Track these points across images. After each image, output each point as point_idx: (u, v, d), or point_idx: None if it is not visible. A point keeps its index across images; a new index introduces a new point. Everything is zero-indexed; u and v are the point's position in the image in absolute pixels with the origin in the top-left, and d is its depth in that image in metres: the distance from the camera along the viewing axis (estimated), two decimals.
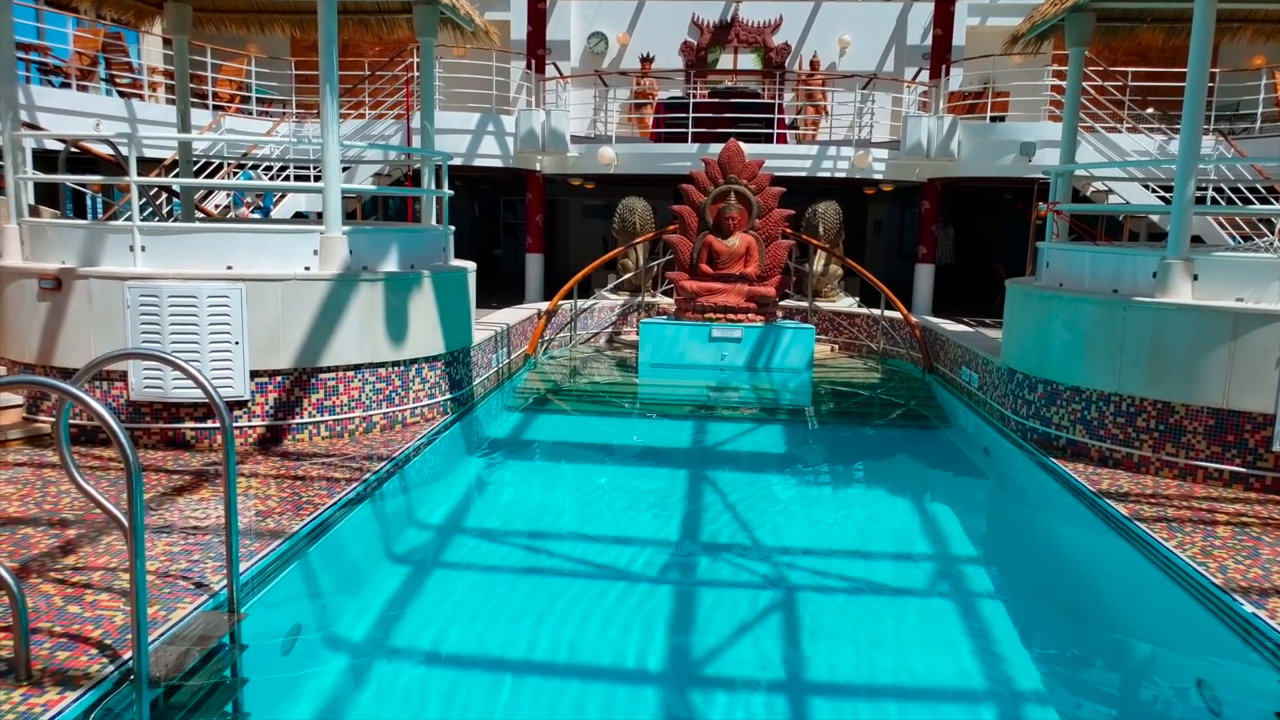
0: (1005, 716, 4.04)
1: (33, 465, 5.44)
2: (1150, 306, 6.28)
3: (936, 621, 4.97)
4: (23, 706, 2.68)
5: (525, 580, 5.35)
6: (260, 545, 4.24)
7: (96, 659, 3.00)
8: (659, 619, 4.85)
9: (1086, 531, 5.72)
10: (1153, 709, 4.31)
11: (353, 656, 4.44)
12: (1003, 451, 7.52)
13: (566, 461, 8.08)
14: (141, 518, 2.75)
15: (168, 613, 3.42)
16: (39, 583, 3.67)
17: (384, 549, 5.65)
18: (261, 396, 6.28)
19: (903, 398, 10.39)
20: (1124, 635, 4.80)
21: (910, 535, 6.41)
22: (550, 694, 4.15)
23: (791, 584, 5.37)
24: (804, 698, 4.16)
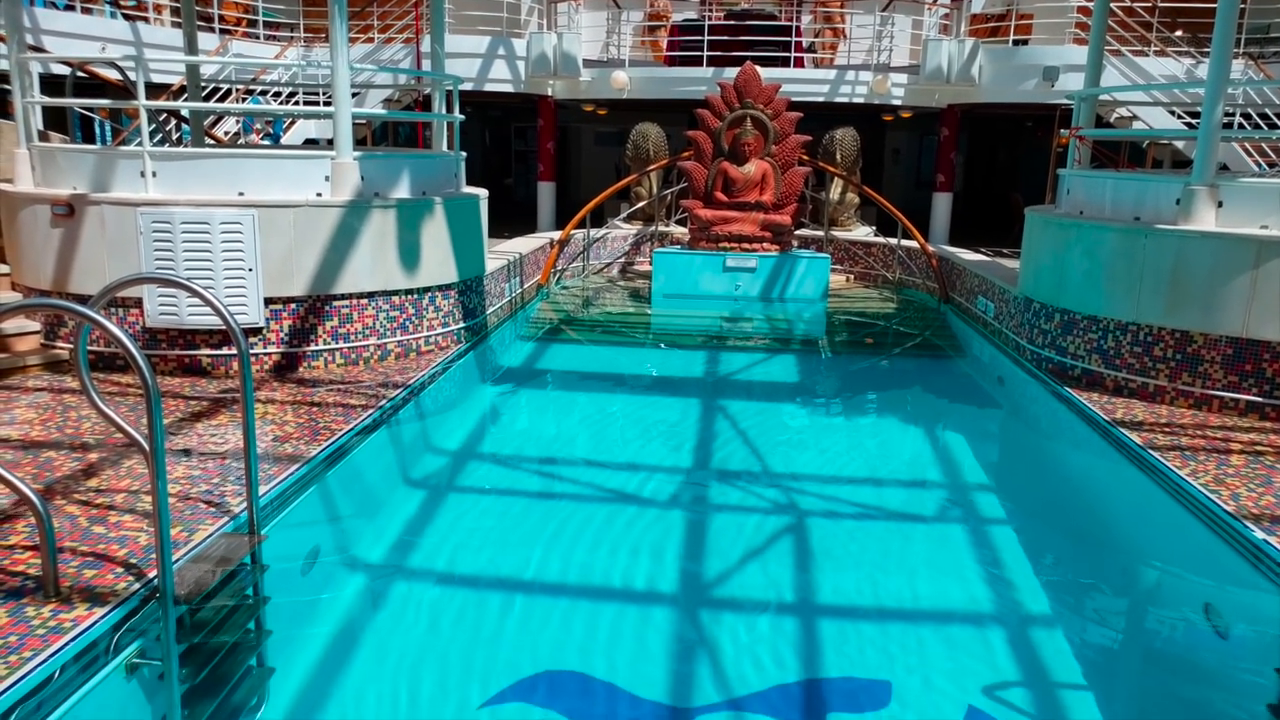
0: (1013, 640, 4.10)
1: (53, 391, 5.50)
2: (1172, 234, 6.19)
3: (946, 547, 5.03)
4: (53, 621, 2.75)
5: (538, 504, 5.42)
6: (279, 469, 4.30)
7: (122, 577, 3.06)
8: (670, 543, 4.92)
9: (1099, 460, 5.74)
10: (1160, 633, 4.37)
11: (370, 577, 4.53)
12: (1017, 381, 7.50)
13: (579, 391, 8.12)
14: (162, 440, 2.78)
15: (190, 534, 3.48)
16: (64, 504, 3.73)
17: (400, 474, 5.72)
18: (276, 324, 6.30)
19: (918, 328, 10.34)
20: (1133, 561, 4.85)
21: (922, 463, 6.44)
22: (562, 614, 4.23)
23: (802, 509, 5.42)
24: (812, 620, 4.23)
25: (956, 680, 3.76)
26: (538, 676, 3.71)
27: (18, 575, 3.06)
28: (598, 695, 3.61)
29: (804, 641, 4.05)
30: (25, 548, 3.28)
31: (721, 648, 3.97)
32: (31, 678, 2.46)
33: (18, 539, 3.36)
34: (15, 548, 3.28)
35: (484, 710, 3.50)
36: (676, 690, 3.67)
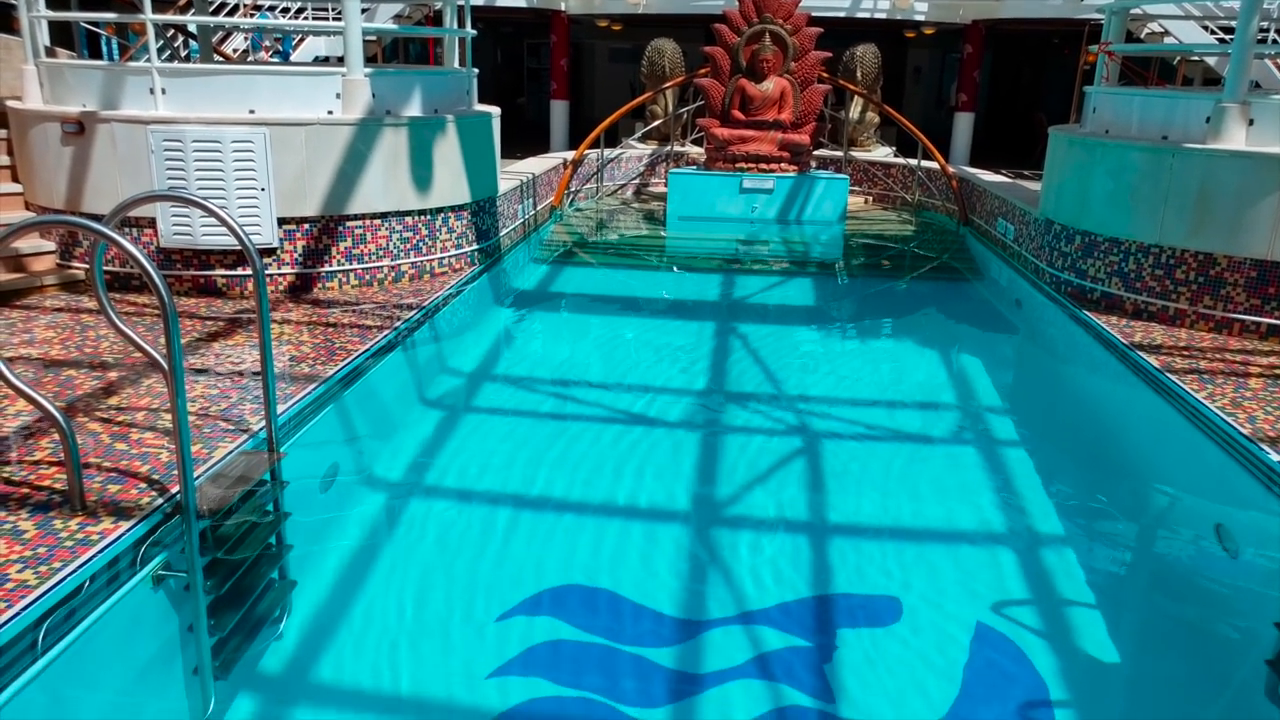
0: (1022, 560, 4.14)
1: (70, 310, 5.53)
2: (1200, 153, 6.04)
3: (958, 469, 5.05)
4: (80, 534, 2.81)
5: (552, 425, 5.46)
6: (296, 389, 4.33)
7: (146, 493, 3.12)
8: (682, 463, 4.96)
9: (1116, 384, 5.71)
10: (1169, 554, 4.41)
11: (387, 494, 4.60)
12: (1035, 304, 7.44)
13: (593, 314, 8.11)
14: (179, 359, 2.79)
15: (210, 451, 3.53)
16: (85, 421, 3.78)
17: (415, 394, 5.76)
18: (290, 244, 6.28)
19: (936, 251, 10.23)
20: (1147, 484, 4.86)
21: (936, 386, 6.44)
22: (576, 532, 4.30)
23: (814, 431, 5.45)
24: (823, 539, 4.28)
25: (965, 598, 3.82)
26: (552, 590, 3.79)
27: (44, 490, 3.12)
28: (611, 609, 3.69)
29: (814, 559, 4.11)
30: (50, 463, 3.34)
31: (732, 564, 4.04)
32: (62, 587, 2.53)
33: (43, 454, 3.42)
34: (41, 463, 3.34)
35: (500, 623, 3.59)
36: (688, 604, 3.75)
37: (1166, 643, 3.70)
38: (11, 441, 3.55)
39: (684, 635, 3.54)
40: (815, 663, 3.40)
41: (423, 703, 3.22)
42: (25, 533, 2.80)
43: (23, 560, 2.64)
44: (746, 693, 3.25)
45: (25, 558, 2.65)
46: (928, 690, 3.28)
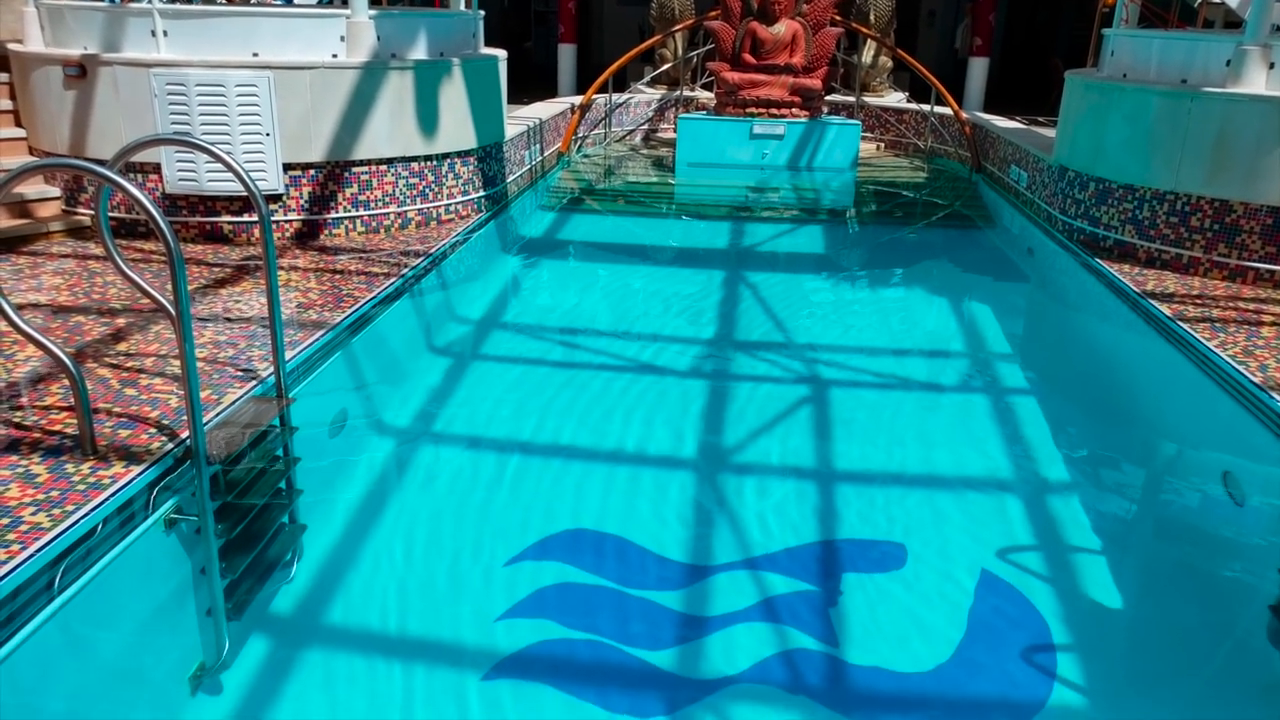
0: (1029, 507, 4.16)
1: (77, 256, 5.52)
2: (1219, 98, 5.93)
3: (967, 417, 5.05)
4: (92, 478, 2.83)
5: (560, 373, 5.47)
6: (304, 335, 4.33)
7: (156, 438, 3.13)
8: (690, 411, 4.97)
9: (1126, 332, 5.68)
10: (1177, 502, 4.42)
11: (396, 441, 4.63)
12: (1047, 253, 7.37)
13: (601, 262, 8.07)
14: (187, 303, 2.79)
15: (219, 397, 3.54)
16: (95, 367, 3.79)
17: (423, 342, 5.76)
18: (295, 190, 6.24)
19: (948, 198, 10.12)
20: (1156, 431, 4.86)
21: (946, 335, 6.42)
22: (584, 479, 4.33)
23: (823, 379, 5.45)
24: (830, 486, 4.30)
25: (971, 545, 3.84)
26: (560, 535, 3.83)
27: (55, 434, 3.14)
28: (618, 553, 3.72)
29: (820, 506, 4.13)
30: (61, 408, 3.35)
31: (739, 510, 4.06)
32: (76, 529, 2.55)
33: (53, 400, 3.44)
34: (51, 408, 3.36)
35: (509, 567, 3.63)
36: (695, 549, 3.78)
37: (1171, 588, 3.73)
38: (22, 387, 3.57)
39: (691, 579, 3.58)
40: (820, 607, 3.43)
41: (432, 644, 3.27)
42: (38, 476, 2.83)
43: (36, 503, 2.66)
44: (752, 636, 3.29)
45: (38, 501, 2.68)
46: (932, 634, 3.32)
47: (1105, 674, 3.19)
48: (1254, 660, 3.24)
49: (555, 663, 3.16)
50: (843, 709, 2.99)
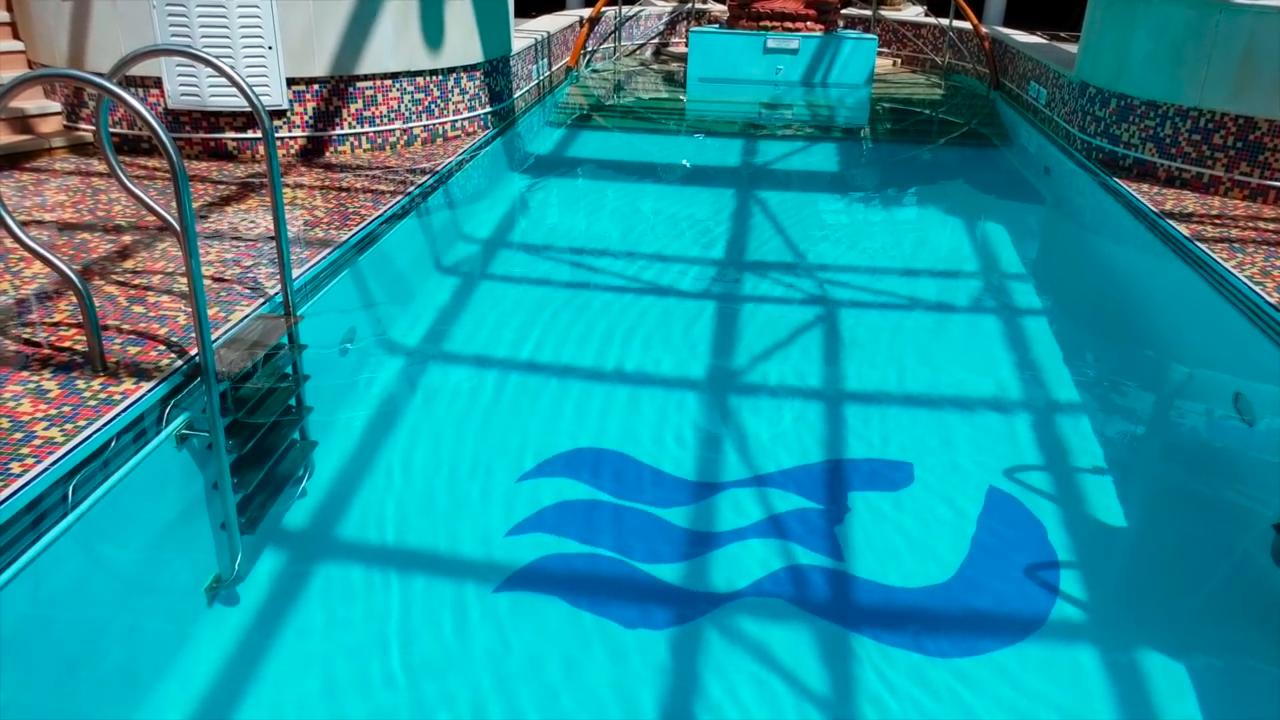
0: (1037, 428, 4.16)
1: (80, 173, 5.47)
2: (1249, 10, 5.73)
3: (978, 339, 5.03)
4: (103, 394, 2.84)
5: (568, 294, 5.44)
6: (310, 253, 4.30)
7: (165, 354, 3.14)
8: (700, 331, 4.96)
9: (1142, 253, 5.60)
10: (1186, 420, 4.41)
11: (406, 360, 4.64)
12: (1064, 172, 7.23)
13: (610, 180, 7.97)
14: (192, 219, 2.76)
15: (227, 314, 3.54)
16: (102, 284, 3.78)
17: (431, 261, 5.73)
18: (299, 106, 6.13)
19: (964, 116, 9.90)
20: (1169, 353, 4.82)
21: (959, 256, 6.35)
22: (592, 398, 4.34)
23: (835, 300, 5.41)
24: (839, 406, 4.31)
25: (979, 464, 3.85)
26: (568, 454, 3.85)
27: (65, 351, 3.15)
28: (626, 472, 3.75)
29: (828, 426, 4.14)
30: (69, 325, 3.36)
31: (747, 430, 4.08)
32: (88, 444, 2.57)
33: (61, 316, 3.44)
34: (60, 324, 3.36)
35: (518, 484, 3.66)
36: (702, 467, 3.81)
37: (1176, 508, 3.75)
38: (30, 303, 3.57)
39: (697, 497, 3.61)
40: (826, 524, 3.46)
41: (442, 558, 3.32)
42: (49, 392, 2.84)
43: (48, 418, 2.68)
44: (758, 551, 3.33)
45: (50, 416, 2.69)
46: (937, 551, 3.35)
47: (1106, 591, 3.24)
48: (1255, 578, 3.28)
49: (562, 577, 3.21)
50: (847, 623, 3.04)
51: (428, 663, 2.85)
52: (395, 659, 2.86)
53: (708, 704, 2.74)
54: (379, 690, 2.75)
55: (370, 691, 2.75)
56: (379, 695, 2.74)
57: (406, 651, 2.89)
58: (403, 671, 2.82)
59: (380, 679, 2.79)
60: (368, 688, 2.76)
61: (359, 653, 2.88)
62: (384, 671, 2.81)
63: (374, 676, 2.80)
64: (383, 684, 2.77)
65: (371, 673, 2.81)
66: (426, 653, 2.89)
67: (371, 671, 2.81)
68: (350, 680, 2.79)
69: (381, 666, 2.83)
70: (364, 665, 2.83)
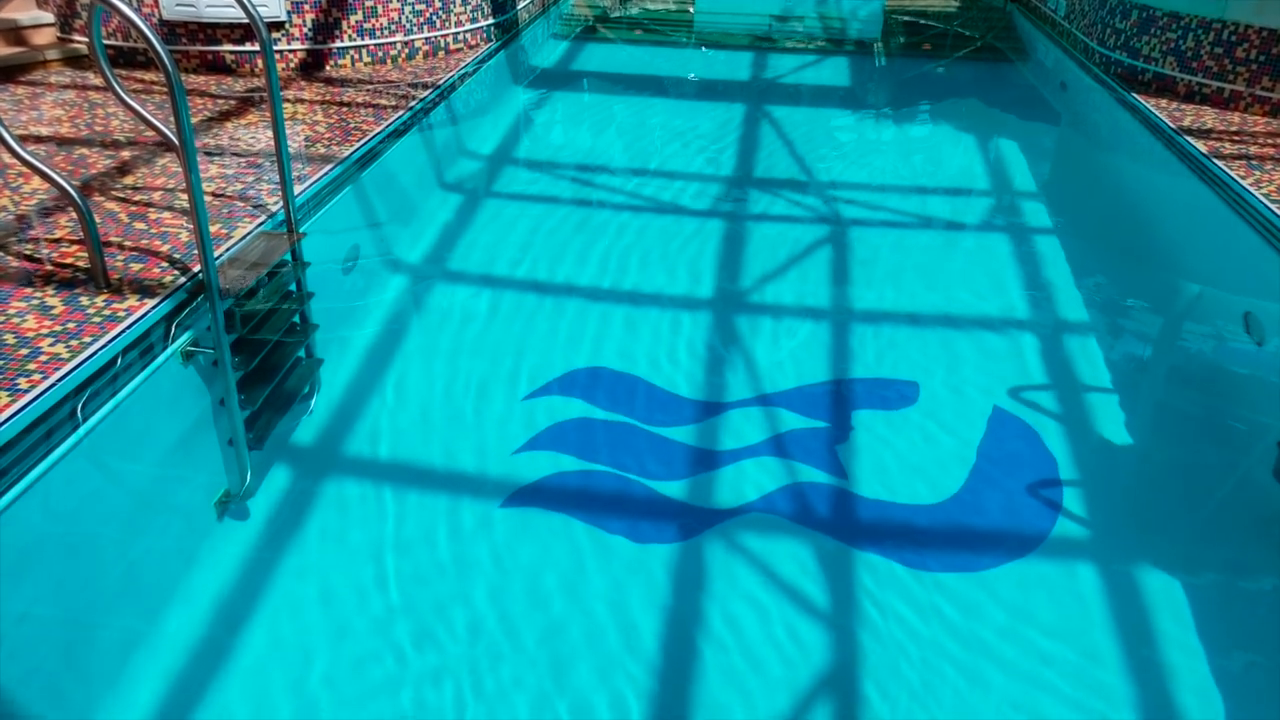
0: (1045, 348, 4.14)
1: (76, 87, 5.37)
2: None
3: (988, 258, 4.97)
4: (107, 310, 2.84)
5: (573, 211, 5.38)
6: (312, 170, 4.24)
7: (168, 271, 3.12)
8: (706, 250, 4.91)
9: (1158, 171, 5.50)
10: (1195, 339, 4.39)
11: (410, 278, 4.61)
12: (1081, 87, 7.06)
13: (616, 95, 7.80)
14: (190, 134, 2.71)
15: (229, 231, 3.51)
16: (102, 201, 3.74)
17: (434, 178, 5.66)
18: (298, 17, 5.98)
19: (979, 30, 9.62)
20: (1180, 273, 4.77)
21: (971, 174, 6.24)
22: (597, 318, 4.32)
23: (844, 219, 5.34)
24: (846, 325, 4.29)
25: (985, 384, 3.85)
26: (575, 373, 3.86)
27: (68, 267, 3.13)
28: (633, 391, 3.76)
29: (836, 345, 4.13)
30: (71, 241, 3.33)
31: (754, 350, 4.07)
32: (94, 360, 2.58)
33: (63, 233, 3.41)
34: (61, 241, 3.34)
35: (526, 402, 3.68)
36: (708, 387, 3.81)
37: (1182, 427, 3.75)
38: (31, 220, 3.54)
39: (703, 415, 3.63)
40: (830, 442, 3.48)
41: (451, 475, 3.35)
42: (53, 308, 2.83)
43: (53, 335, 2.68)
44: (762, 469, 3.35)
45: (55, 332, 2.69)
46: (940, 469, 3.37)
47: (1108, 509, 3.26)
48: (1256, 495, 3.30)
49: (570, 493, 3.25)
50: (849, 539, 3.08)
51: (435, 573, 2.90)
52: (403, 570, 2.91)
53: (708, 617, 2.79)
54: (383, 599, 2.81)
55: (376, 599, 2.81)
56: (384, 603, 2.80)
57: (413, 563, 2.94)
58: (411, 581, 2.87)
59: (384, 589, 2.85)
60: (373, 597, 2.82)
61: (365, 564, 2.93)
62: (386, 580, 2.87)
63: (376, 585, 2.85)
64: (384, 593, 2.83)
65: (368, 582, 2.87)
66: (432, 564, 2.94)
67: (369, 581, 2.87)
68: (356, 590, 2.85)
69: (384, 576, 2.89)
70: (365, 575, 2.89)
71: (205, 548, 2.98)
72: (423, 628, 2.73)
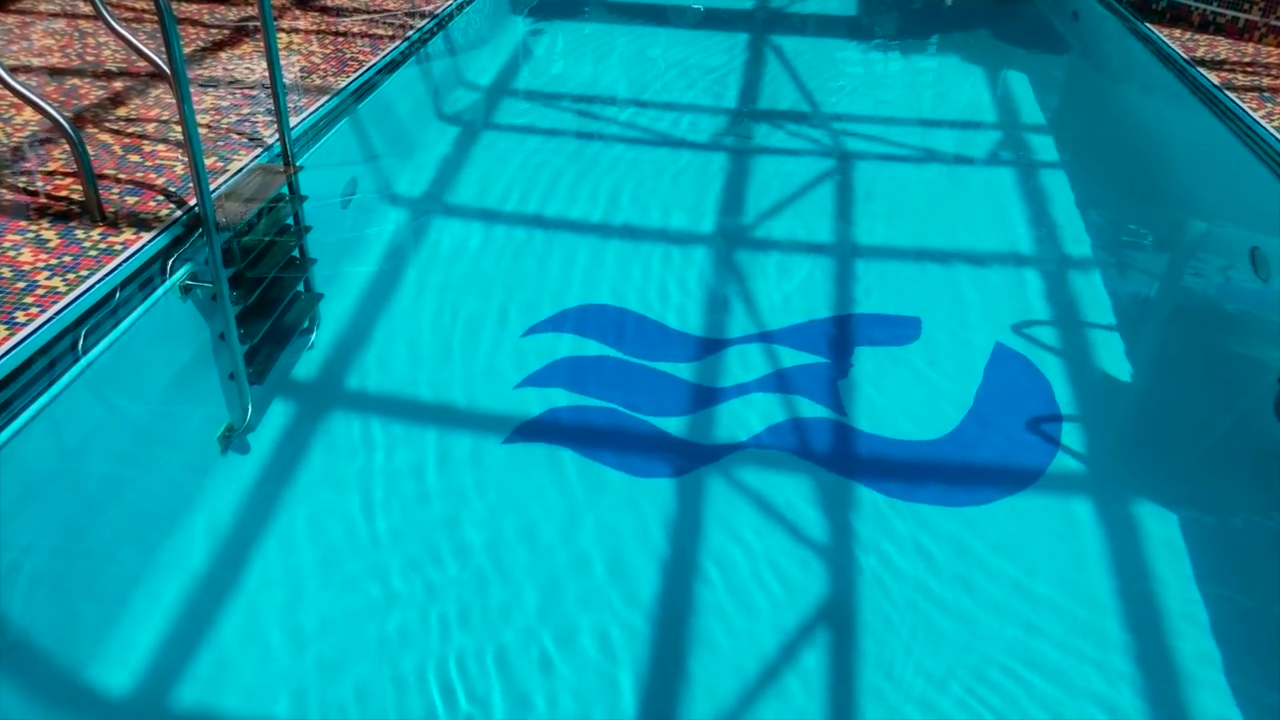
0: (1049, 284, 4.12)
1: (66, 15, 5.25)
2: None
3: (993, 192, 4.92)
4: (103, 244, 2.81)
5: (575, 144, 5.31)
6: (308, 101, 4.17)
7: (164, 205, 3.09)
8: (710, 184, 4.86)
9: (1169, 104, 5.39)
10: (1201, 276, 4.36)
11: (409, 212, 4.57)
12: (1093, 17, 6.89)
13: (618, 24, 7.64)
14: (183, 64, 2.66)
15: (225, 164, 3.46)
16: (95, 132, 3.69)
17: (432, 110, 5.57)
18: None
19: None
20: (1187, 208, 4.72)
21: (979, 107, 6.14)
22: (598, 253, 4.29)
23: (849, 153, 5.27)
24: (849, 261, 4.26)
25: (988, 319, 3.84)
26: (576, 309, 3.84)
27: (62, 200, 3.09)
28: (633, 327, 3.75)
29: (838, 281, 4.11)
30: (65, 174, 3.29)
31: (755, 286, 4.05)
32: (92, 294, 2.56)
33: (56, 165, 3.36)
34: (55, 173, 3.29)
35: (525, 338, 3.67)
36: (709, 324, 3.80)
37: (1184, 363, 3.75)
38: (24, 151, 3.49)
39: (704, 352, 3.62)
40: (831, 378, 3.48)
41: (451, 410, 3.36)
42: (49, 242, 2.81)
43: (49, 268, 2.66)
44: (762, 405, 3.36)
45: (52, 265, 2.67)
46: (941, 404, 3.38)
47: (1107, 444, 3.27)
48: (1255, 431, 3.30)
49: (571, 429, 3.26)
50: (848, 473, 3.10)
51: (430, 506, 2.93)
52: (400, 502, 2.94)
53: (700, 551, 2.82)
54: (379, 530, 2.85)
55: (372, 530, 2.84)
56: (380, 534, 2.83)
57: (410, 495, 2.97)
58: (407, 513, 2.90)
59: (380, 520, 2.88)
60: (370, 528, 2.85)
61: (363, 496, 2.96)
62: (382, 511, 2.91)
63: (373, 517, 2.88)
64: (380, 524, 2.86)
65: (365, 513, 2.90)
66: (428, 497, 2.97)
67: (366, 512, 2.91)
68: (353, 521, 2.89)
69: (381, 507, 2.92)
70: (363, 506, 2.92)
71: (209, 481, 3.00)
72: (415, 559, 2.77)
